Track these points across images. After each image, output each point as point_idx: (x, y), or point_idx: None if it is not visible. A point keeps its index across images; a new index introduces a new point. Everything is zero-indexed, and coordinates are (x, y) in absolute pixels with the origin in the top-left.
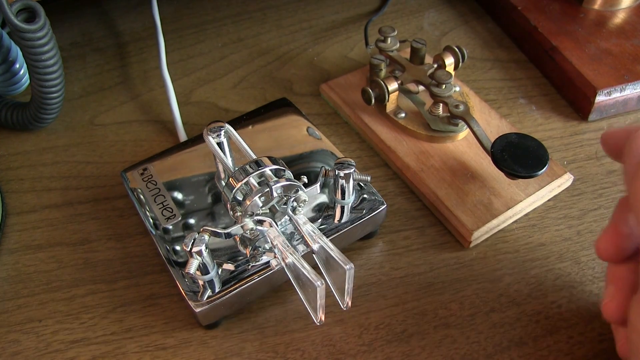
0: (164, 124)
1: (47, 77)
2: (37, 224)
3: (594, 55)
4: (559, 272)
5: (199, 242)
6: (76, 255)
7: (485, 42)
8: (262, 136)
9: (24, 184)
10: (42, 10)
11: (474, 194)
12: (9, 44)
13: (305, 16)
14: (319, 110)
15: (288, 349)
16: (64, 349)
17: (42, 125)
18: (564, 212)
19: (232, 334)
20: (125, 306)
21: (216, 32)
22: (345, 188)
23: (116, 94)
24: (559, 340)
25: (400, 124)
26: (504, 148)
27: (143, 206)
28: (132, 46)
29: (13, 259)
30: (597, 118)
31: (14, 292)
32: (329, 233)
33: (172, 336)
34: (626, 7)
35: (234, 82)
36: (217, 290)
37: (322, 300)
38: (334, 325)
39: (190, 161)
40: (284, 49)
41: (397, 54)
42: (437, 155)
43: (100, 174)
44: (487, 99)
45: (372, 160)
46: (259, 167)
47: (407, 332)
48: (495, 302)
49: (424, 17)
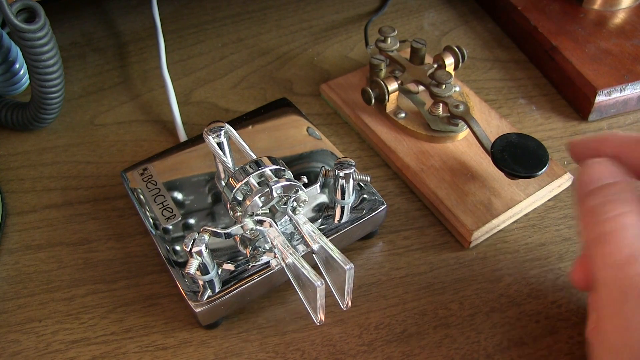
0: (164, 124)
1: (47, 77)
2: (37, 224)
3: (594, 55)
4: (559, 272)
5: (199, 242)
6: (76, 255)
7: (485, 42)
8: (262, 136)
9: (24, 184)
10: (42, 10)
11: (474, 194)
12: (9, 44)
13: (305, 16)
14: (319, 110)
15: (288, 349)
16: (64, 349)
17: (42, 125)
18: (564, 212)
19: (232, 334)
20: (125, 306)
21: (216, 32)
22: (345, 188)
23: (116, 94)
24: (559, 340)
25: (400, 124)
26: (504, 148)
27: (143, 206)
28: (132, 46)
29: (13, 259)
30: (597, 118)
31: (14, 292)
32: (329, 233)
33: (172, 336)
34: (626, 7)
35: (234, 82)
36: (217, 290)
37: (322, 300)
38: (334, 325)
39: (190, 161)
40: (284, 49)
41: (397, 54)
42: (437, 155)
43: (100, 174)
44: (487, 99)
45: (372, 160)
46: (259, 167)
47: (407, 332)
48: (495, 302)
49: (424, 17)
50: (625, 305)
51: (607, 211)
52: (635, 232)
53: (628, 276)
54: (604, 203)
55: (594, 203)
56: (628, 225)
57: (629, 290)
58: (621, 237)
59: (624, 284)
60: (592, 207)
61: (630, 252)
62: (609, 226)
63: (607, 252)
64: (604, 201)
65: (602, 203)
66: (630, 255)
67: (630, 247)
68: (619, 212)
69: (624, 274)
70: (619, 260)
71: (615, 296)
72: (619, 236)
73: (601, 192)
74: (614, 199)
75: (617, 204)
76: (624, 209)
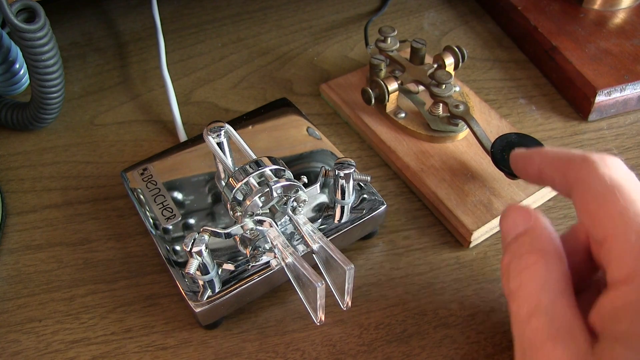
0: (164, 124)
1: (47, 77)
2: (37, 224)
3: (594, 55)
4: None
5: (199, 242)
6: (76, 255)
7: (485, 42)
8: (262, 136)
9: (24, 184)
10: (42, 10)
11: (474, 194)
12: (9, 44)
13: (305, 16)
14: (319, 110)
15: (288, 349)
16: (64, 349)
17: (42, 125)
18: (564, 212)
19: (232, 334)
20: (125, 306)
21: (216, 32)
22: (345, 188)
23: (116, 94)
24: None
25: (400, 124)
26: (504, 148)
27: (143, 206)
28: (132, 46)
29: (13, 259)
30: (597, 118)
31: (14, 292)
32: (329, 233)
33: (172, 336)
34: (626, 7)
35: (234, 82)
36: (217, 290)
37: (322, 300)
38: (334, 325)
39: (190, 161)
40: (284, 49)
41: (397, 54)
42: (437, 155)
43: (100, 174)
44: (487, 99)
45: (372, 160)
46: (259, 167)
47: (407, 332)
48: (495, 302)
49: (424, 17)
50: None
51: (513, 269)
52: (537, 285)
53: (525, 334)
54: (511, 260)
55: (505, 261)
56: (530, 280)
57: (527, 349)
58: (523, 294)
59: (524, 342)
60: (505, 266)
61: (529, 310)
62: (514, 284)
63: (513, 310)
64: (511, 258)
65: (509, 261)
66: (528, 313)
67: (529, 304)
68: (524, 266)
69: (523, 332)
70: (520, 318)
71: (519, 355)
72: (521, 293)
73: (510, 249)
74: (521, 252)
75: (522, 258)
76: (529, 261)
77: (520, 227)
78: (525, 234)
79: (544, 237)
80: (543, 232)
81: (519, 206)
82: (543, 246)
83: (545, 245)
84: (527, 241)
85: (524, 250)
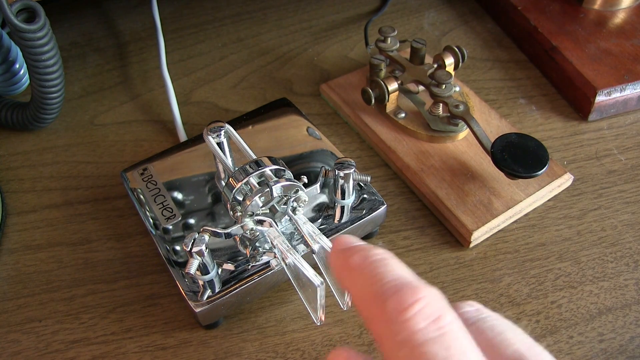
0: (164, 124)
1: (47, 77)
2: (37, 224)
3: (594, 55)
4: (559, 272)
5: (199, 242)
6: (76, 255)
7: (485, 42)
8: (262, 136)
9: (24, 184)
10: (42, 10)
11: (474, 194)
12: (9, 44)
13: (305, 16)
14: (319, 110)
15: (288, 349)
16: (64, 349)
17: (42, 125)
18: (564, 212)
19: (232, 334)
20: (125, 306)
21: (216, 32)
22: (345, 188)
23: (116, 94)
24: (559, 340)
25: (400, 124)
26: (504, 148)
27: (143, 206)
28: (132, 46)
29: (13, 259)
30: (597, 118)
31: (14, 292)
32: (329, 233)
33: (172, 336)
34: (626, 7)
35: (234, 82)
36: (217, 290)
37: (322, 300)
38: (334, 325)
39: (190, 161)
40: (284, 49)
41: (397, 54)
42: (437, 155)
43: (100, 174)
44: (487, 99)
45: (372, 160)
46: (259, 167)
47: None
48: (495, 302)
49: (424, 17)
50: None
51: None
52: None
53: None
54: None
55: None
56: None
57: None
58: None
59: None
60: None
61: None
62: None
63: None
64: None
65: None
66: None
67: None
68: None
69: None
70: None
71: None
72: None
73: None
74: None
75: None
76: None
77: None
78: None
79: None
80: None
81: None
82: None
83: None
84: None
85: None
